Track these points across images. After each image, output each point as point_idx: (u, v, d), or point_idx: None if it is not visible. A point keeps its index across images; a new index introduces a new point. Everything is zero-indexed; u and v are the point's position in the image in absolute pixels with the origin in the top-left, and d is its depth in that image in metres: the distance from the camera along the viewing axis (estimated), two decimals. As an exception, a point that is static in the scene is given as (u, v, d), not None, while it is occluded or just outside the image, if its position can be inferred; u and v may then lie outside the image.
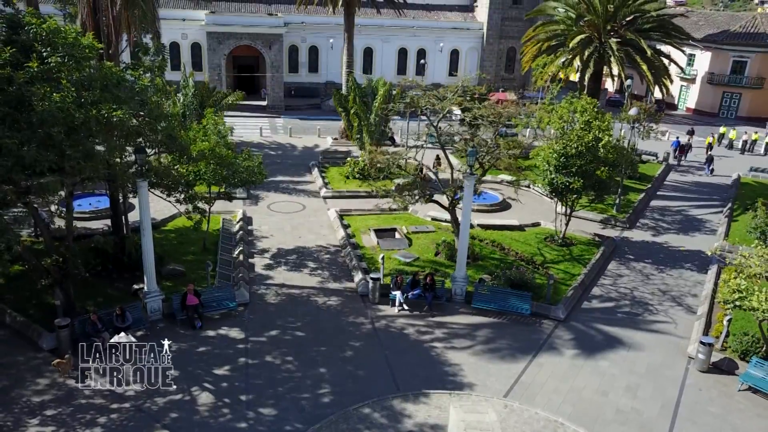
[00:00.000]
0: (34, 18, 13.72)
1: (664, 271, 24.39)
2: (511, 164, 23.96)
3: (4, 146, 12.21)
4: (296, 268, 22.85)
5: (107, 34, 17.61)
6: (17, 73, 13.16)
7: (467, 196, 20.05)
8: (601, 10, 29.74)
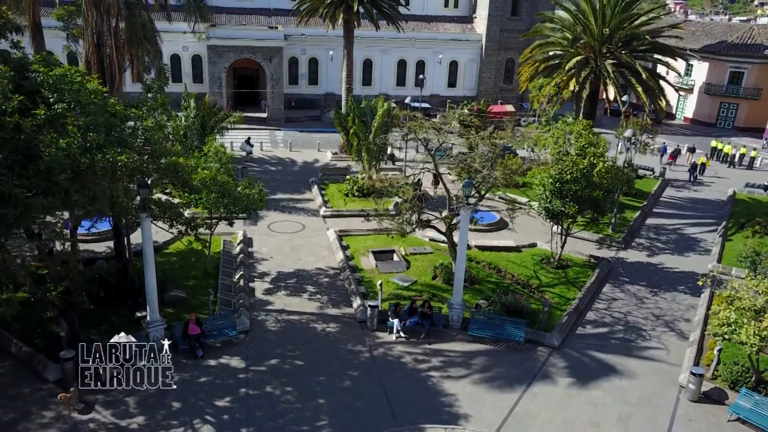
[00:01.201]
0: (41, 67, 14.09)
1: (658, 294, 24.78)
2: (508, 181, 24.24)
3: (13, 196, 12.59)
4: (296, 292, 23.23)
5: (110, 70, 18.00)
6: (25, 121, 13.54)
7: (464, 226, 20.45)
8: (597, 33, 30.13)
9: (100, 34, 17.93)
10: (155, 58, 19.84)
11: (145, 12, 18.79)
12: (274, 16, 55.56)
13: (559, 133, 28.10)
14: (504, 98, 58.27)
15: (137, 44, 18.15)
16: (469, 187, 20.29)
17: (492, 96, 58.68)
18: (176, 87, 51.15)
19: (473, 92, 59.43)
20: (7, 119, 13.38)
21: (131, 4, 17.87)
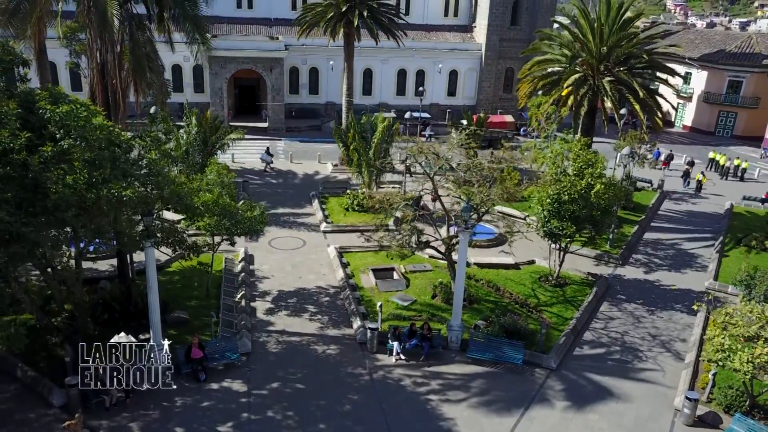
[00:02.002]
0: (48, 104, 14.37)
1: (655, 313, 25.06)
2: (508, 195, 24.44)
3: (21, 234, 12.89)
4: (296, 312, 23.52)
5: (115, 98, 18.28)
6: (32, 158, 13.84)
7: (462, 250, 20.73)
8: (595, 51, 30.41)
9: (105, 63, 18.23)
10: (159, 88, 20.13)
11: (149, 44, 19.07)
12: (274, 26, 55.86)
13: (557, 151, 28.33)
14: (504, 107, 58.55)
15: (141, 74, 18.45)
16: (467, 212, 20.56)
17: (492, 105, 58.99)
18: (178, 97, 51.67)
19: (473, 101, 59.71)
20: (15, 156, 13.67)
21: (135, 35, 18.16)
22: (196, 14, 19.70)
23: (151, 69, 18.79)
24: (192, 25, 19.54)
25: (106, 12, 16.23)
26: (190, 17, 19.31)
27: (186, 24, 19.50)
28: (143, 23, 18.95)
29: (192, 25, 19.54)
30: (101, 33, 16.96)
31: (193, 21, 19.53)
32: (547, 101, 30.52)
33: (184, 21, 19.46)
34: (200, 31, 20.04)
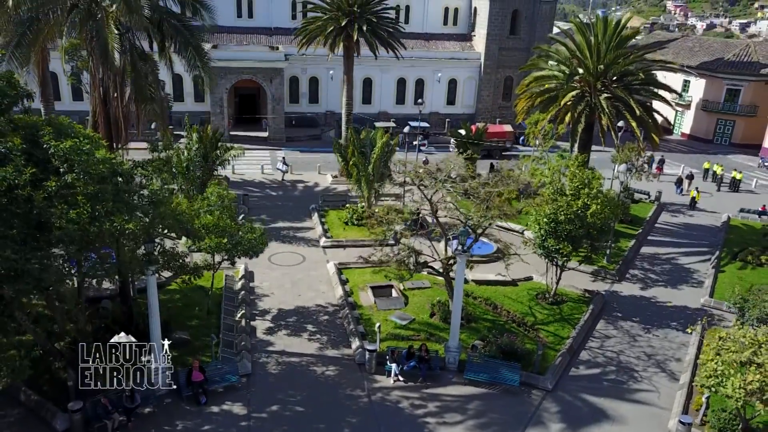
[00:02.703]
0: (52, 140, 14.64)
1: (651, 332, 25.33)
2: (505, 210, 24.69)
3: (26, 271, 13.17)
4: (296, 332, 23.79)
5: (117, 125, 18.56)
6: (37, 193, 14.12)
7: (459, 274, 21.00)
8: (592, 68, 30.68)
9: (107, 90, 18.50)
10: (161, 117, 20.40)
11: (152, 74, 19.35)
12: (275, 35, 56.16)
13: (554, 168, 28.63)
14: (503, 116, 58.76)
15: (143, 103, 18.72)
16: (464, 236, 20.83)
17: (491, 113, 59.25)
18: (179, 107, 52.00)
19: (472, 110, 60.00)
20: (20, 192, 13.95)
21: (137, 64, 18.43)
22: (197, 43, 19.98)
23: (153, 98, 19.09)
24: (193, 54, 19.82)
25: (107, 44, 16.52)
26: (191, 45, 19.57)
27: (187, 51, 19.77)
28: (145, 53, 19.22)
29: (193, 54, 19.82)
30: (103, 63, 17.24)
31: (195, 49, 19.80)
32: (544, 118, 30.80)
33: (185, 49, 19.72)
34: (201, 58, 20.31)
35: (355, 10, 38.23)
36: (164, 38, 19.41)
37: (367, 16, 38.61)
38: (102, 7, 17.30)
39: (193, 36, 19.69)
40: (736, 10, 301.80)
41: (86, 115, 45.16)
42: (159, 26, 18.96)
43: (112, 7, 16.96)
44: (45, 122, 16.31)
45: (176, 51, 20.11)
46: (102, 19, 16.83)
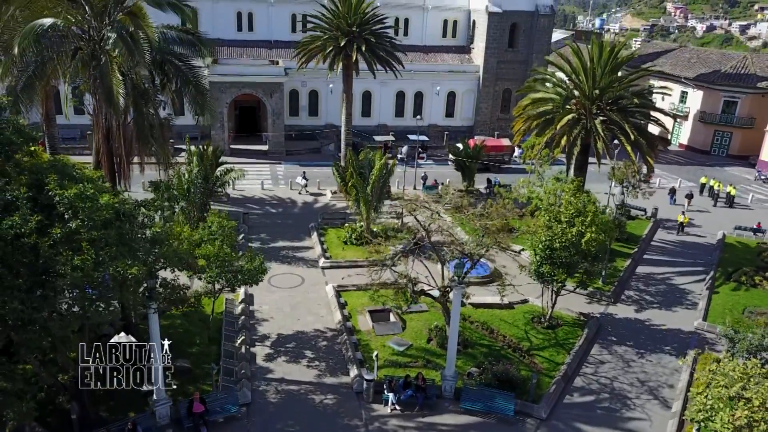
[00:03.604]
0: (57, 188, 15.04)
1: (644, 356, 25.73)
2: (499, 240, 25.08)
3: (32, 320, 13.58)
4: (295, 358, 24.19)
5: (119, 163, 18.97)
6: (42, 240, 14.52)
7: (455, 306, 21.40)
8: (588, 92, 31.08)
9: (110, 128, 18.90)
10: (164, 157, 20.80)
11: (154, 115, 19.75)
12: (275, 49, 56.55)
13: (550, 191, 29.02)
14: (501, 128, 59.09)
15: (145, 142, 19.12)
16: (460, 268, 21.23)
17: (489, 126, 59.66)
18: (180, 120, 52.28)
19: (471, 122, 60.40)
20: (26, 240, 14.35)
21: (140, 105, 18.83)
22: (198, 81, 20.38)
23: (155, 138, 19.49)
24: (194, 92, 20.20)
25: (112, 89, 16.93)
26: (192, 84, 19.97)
27: (188, 89, 20.17)
28: (148, 94, 19.63)
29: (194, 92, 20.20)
30: (107, 105, 17.65)
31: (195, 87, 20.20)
32: (539, 142, 31.21)
33: (186, 87, 20.12)
34: (202, 96, 20.71)
35: (354, 30, 38.62)
36: (166, 77, 19.84)
37: (365, 35, 38.98)
38: (105, 51, 17.74)
39: (194, 74, 20.09)
40: (736, 12, 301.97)
41: (87, 129, 45.75)
42: (161, 66, 19.41)
43: (115, 52, 17.40)
44: (50, 165, 16.71)
45: (177, 88, 20.51)
46: (106, 64, 17.24)
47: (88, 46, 18.03)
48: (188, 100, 20.85)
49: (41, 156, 17.37)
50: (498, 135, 57.40)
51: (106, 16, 18.15)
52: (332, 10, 39.96)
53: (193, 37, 20.72)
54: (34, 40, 16.51)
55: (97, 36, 18.22)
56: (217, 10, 55.64)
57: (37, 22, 16.87)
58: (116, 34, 17.07)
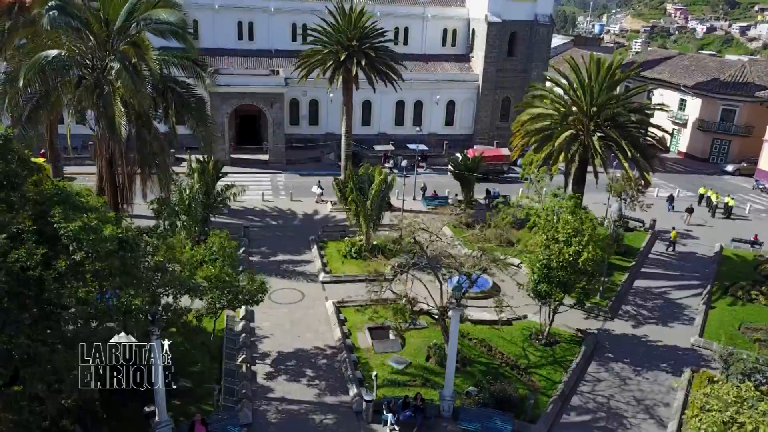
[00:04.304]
0: (62, 221, 15.32)
1: (641, 374, 26.00)
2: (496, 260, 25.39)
3: (37, 354, 13.87)
4: (295, 377, 24.46)
5: (122, 188, 19.26)
6: (47, 273, 14.80)
7: (454, 328, 21.68)
8: (586, 109, 31.37)
9: (113, 154, 19.18)
10: (165, 182, 21.09)
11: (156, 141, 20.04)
12: (275, 58, 56.86)
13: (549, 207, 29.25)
14: (501, 136, 59.36)
15: (147, 168, 19.40)
16: (458, 291, 21.50)
17: (489, 134, 59.99)
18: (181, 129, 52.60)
19: (470, 131, 60.71)
20: (32, 273, 14.63)
21: (142, 133, 19.12)
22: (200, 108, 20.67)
23: (157, 165, 19.78)
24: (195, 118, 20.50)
25: (115, 120, 17.21)
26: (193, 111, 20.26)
27: (190, 116, 20.47)
28: (150, 121, 19.92)
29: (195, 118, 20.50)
30: (110, 134, 17.93)
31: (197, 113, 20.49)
32: (537, 159, 31.50)
33: (188, 113, 20.41)
34: (204, 123, 21.00)
35: (354, 44, 38.91)
36: (168, 105, 20.13)
37: (365, 49, 39.26)
38: (108, 80, 18.02)
39: (196, 101, 20.37)
40: (736, 13, 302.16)
41: (89, 139, 46.02)
42: (163, 94, 19.68)
43: (118, 82, 17.67)
44: (54, 193, 16.97)
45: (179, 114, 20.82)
46: (109, 94, 17.52)
47: (92, 75, 18.31)
48: (189, 126, 21.12)
49: (46, 184, 17.62)
50: (497, 144, 57.70)
51: (110, 45, 18.42)
52: (332, 24, 40.25)
53: (194, 63, 21.03)
54: (39, 72, 16.81)
55: (100, 65, 18.49)
56: (218, 19, 55.98)
57: (42, 54, 17.15)
58: (119, 64, 17.34)
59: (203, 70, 21.21)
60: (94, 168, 28.32)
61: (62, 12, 17.26)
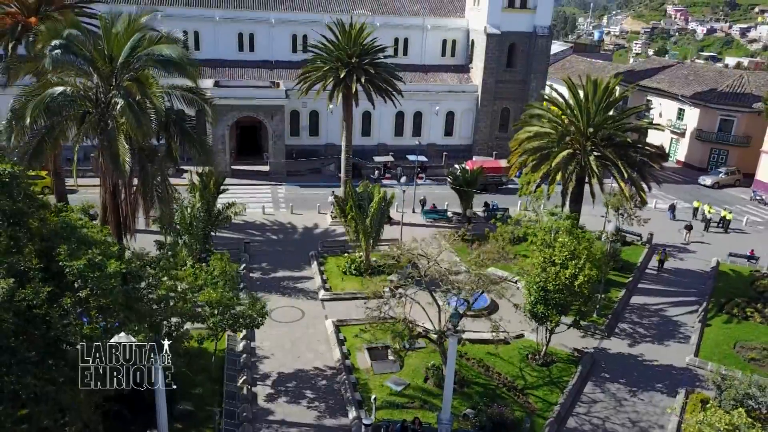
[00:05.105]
0: (67, 259, 15.69)
1: (636, 395, 26.35)
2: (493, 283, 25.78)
3: (43, 393, 14.23)
4: (295, 398, 24.83)
5: (125, 218, 19.61)
6: (53, 310, 15.17)
7: (451, 355, 22.03)
8: (583, 129, 31.72)
9: (116, 186, 19.54)
10: (167, 215, 21.46)
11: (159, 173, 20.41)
12: (275, 69, 57.24)
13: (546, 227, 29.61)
14: (500, 146, 59.69)
15: (149, 199, 19.77)
16: (456, 318, 21.86)
17: (488, 144, 60.33)
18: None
19: (469, 141, 61.06)
20: (37, 311, 15.00)
21: (145, 167, 19.49)
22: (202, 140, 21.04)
23: (161, 198, 20.15)
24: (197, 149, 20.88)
25: (119, 156, 17.58)
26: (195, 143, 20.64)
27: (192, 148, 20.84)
28: (153, 154, 20.29)
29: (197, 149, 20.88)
30: (113, 167, 18.29)
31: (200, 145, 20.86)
32: (535, 178, 31.87)
33: (191, 145, 20.78)
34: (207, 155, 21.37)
35: (354, 61, 39.26)
36: (171, 137, 20.50)
37: (365, 66, 39.61)
38: (113, 116, 18.40)
39: (198, 134, 20.73)
40: (736, 15, 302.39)
41: (91, 151, 46.41)
42: (166, 127, 20.06)
43: (122, 118, 18.05)
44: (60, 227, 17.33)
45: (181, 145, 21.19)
46: (113, 129, 17.90)
47: (96, 109, 18.68)
48: (192, 155, 21.50)
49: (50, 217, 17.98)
50: (496, 155, 58.07)
51: (114, 80, 18.78)
52: (332, 41, 40.61)
53: (197, 96, 21.42)
54: (44, 109, 17.17)
55: (105, 100, 18.86)
56: (219, 31, 56.37)
57: (48, 92, 17.53)
58: (124, 101, 17.71)
59: (206, 103, 21.58)
60: (96, 180, 28.77)
61: (66, 50, 17.65)
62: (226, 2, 57.11)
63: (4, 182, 15.91)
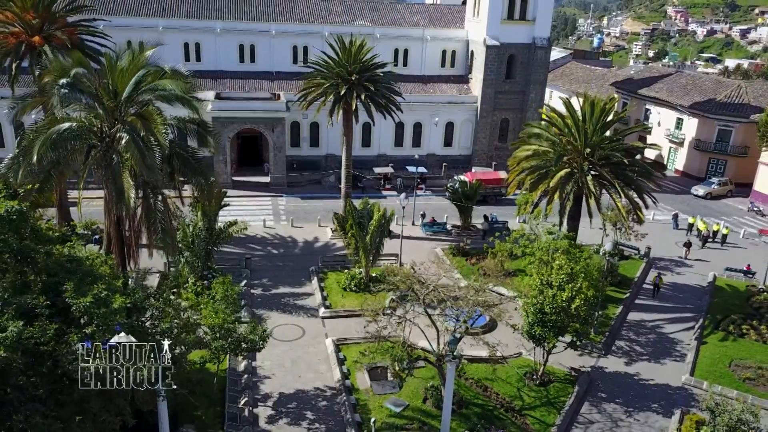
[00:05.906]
0: (74, 294, 16.06)
1: (632, 415, 26.71)
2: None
3: (51, 430, 14.61)
4: (296, 420, 25.19)
5: (129, 248, 19.98)
6: (60, 347, 15.54)
7: (449, 381, 22.41)
8: (581, 148, 32.08)
9: (120, 217, 19.92)
10: (171, 246, 21.84)
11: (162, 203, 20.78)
12: (276, 80, 57.61)
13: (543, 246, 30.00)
14: (499, 156, 60.09)
15: (154, 233, 20.15)
16: (454, 344, 22.23)
17: (487, 155, 60.70)
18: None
19: (469, 151, 61.42)
20: (44, 348, 15.38)
21: (149, 198, 19.86)
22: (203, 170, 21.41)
23: (164, 230, 20.52)
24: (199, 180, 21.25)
25: (124, 191, 17.95)
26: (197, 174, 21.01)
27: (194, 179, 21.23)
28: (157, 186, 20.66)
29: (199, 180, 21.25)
30: (118, 199, 18.66)
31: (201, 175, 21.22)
32: (532, 198, 32.24)
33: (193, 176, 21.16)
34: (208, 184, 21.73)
35: (354, 78, 39.62)
36: (174, 170, 20.88)
37: (364, 82, 39.96)
38: (117, 150, 18.77)
39: (200, 165, 21.11)
40: (736, 16, 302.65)
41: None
42: (169, 160, 20.44)
43: (126, 153, 18.42)
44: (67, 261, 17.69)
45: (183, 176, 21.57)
46: (118, 164, 18.29)
47: (101, 143, 19.05)
48: (195, 187, 21.89)
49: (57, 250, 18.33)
50: (495, 165, 58.44)
51: (119, 114, 19.16)
52: (332, 57, 40.97)
53: (200, 127, 21.81)
54: (51, 146, 17.56)
55: (109, 134, 19.24)
56: (220, 42, 56.73)
57: (54, 129, 17.92)
58: (128, 136, 18.10)
59: (209, 134, 21.95)
60: (99, 192, 29.15)
61: (73, 89, 18.04)
62: (227, 14, 57.47)
63: (11, 219, 16.30)
